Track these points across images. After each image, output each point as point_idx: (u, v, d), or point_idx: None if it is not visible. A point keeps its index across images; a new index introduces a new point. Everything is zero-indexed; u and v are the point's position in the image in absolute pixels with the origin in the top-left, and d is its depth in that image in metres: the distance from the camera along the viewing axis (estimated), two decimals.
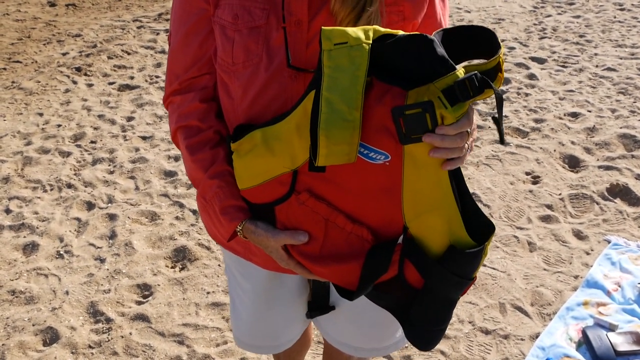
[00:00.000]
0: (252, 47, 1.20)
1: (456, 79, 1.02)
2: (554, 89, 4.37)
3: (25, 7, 6.37)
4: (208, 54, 1.29)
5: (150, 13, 6.13)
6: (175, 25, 1.31)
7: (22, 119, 4.14)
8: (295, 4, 1.18)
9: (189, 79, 1.33)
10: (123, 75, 4.76)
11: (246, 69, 1.22)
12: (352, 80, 1.05)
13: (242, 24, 1.20)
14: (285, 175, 1.21)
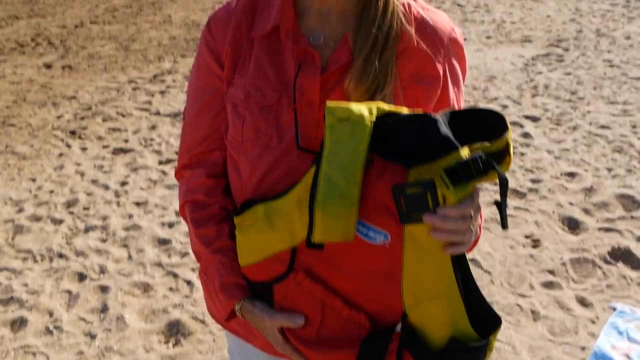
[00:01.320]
0: (262, 126, 1.20)
1: (459, 159, 0.99)
2: (549, 148, 4.34)
3: (22, 70, 6.36)
4: (219, 130, 1.29)
5: (146, 74, 6.12)
6: (190, 101, 1.34)
7: (14, 185, 4.06)
8: (308, 85, 1.18)
9: (199, 154, 1.33)
10: (117, 139, 4.71)
11: (255, 148, 1.21)
12: (352, 155, 1.02)
13: (253, 103, 1.21)
14: (284, 253, 1.17)
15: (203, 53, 1.30)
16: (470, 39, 6.95)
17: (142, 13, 8.56)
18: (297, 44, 1.19)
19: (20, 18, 8.41)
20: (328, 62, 1.19)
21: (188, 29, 7.72)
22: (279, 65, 1.21)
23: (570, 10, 8.10)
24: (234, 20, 1.25)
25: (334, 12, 1.21)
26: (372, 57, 1.15)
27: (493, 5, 8.51)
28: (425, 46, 1.20)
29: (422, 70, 1.21)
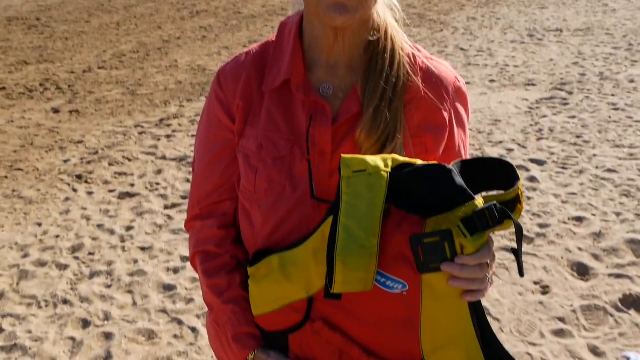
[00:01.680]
0: (275, 177, 1.22)
1: (475, 208, 1.01)
2: (556, 192, 4.32)
3: (30, 114, 6.42)
4: (230, 180, 1.31)
5: (152, 118, 6.17)
6: (199, 153, 1.35)
7: (20, 230, 4.06)
8: (319, 135, 1.20)
9: (210, 205, 1.34)
10: (123, 183, 4.72)
11: (268, 198, 1.22)
12: (370, 208, 1.04)
13: (266, 154, 1.22)
14: (300, 302, 1.18)
15: (213, 106, 1.31)
16: (474, 83, 7.00)
17: (149, 58, 8.68)
18: (308, 96, 1.22)
19: (30, 63, 8.54)
20: (338, 113, 1.21)
21: (194, 74, 7.80)
22: (291, 117, 1.23)
23: (573, 54, 8.18)
24: (244, 74, 1.28)
25: (342, 64, 1.24)
26: (382, 108, 1.18)
27: (496, 49, 8.60)
28: (432, 95, 1.23)
29: (429, 119, 1.24)
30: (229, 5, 12.99)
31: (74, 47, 9.46)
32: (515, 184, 1.05)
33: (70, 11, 12.62)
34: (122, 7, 13.03)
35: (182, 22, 11.25)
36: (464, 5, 12.46)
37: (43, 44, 9.74)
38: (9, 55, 9.04)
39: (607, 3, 12.14)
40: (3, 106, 6.72)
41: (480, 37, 9.40)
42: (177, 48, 9.26)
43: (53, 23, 11.42)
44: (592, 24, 10.16)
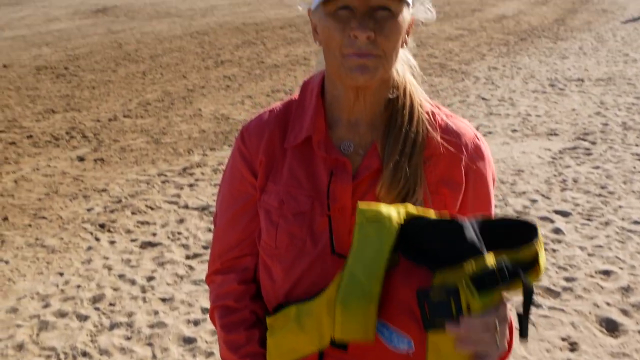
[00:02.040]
0: (296, 232, 1.24)
1: (484, 265, 0.99)
2: (582, 245, 4.24)
3: (55, 162, 6.51)
4: (252, 235, 1.33)
5: (175, 167, 6.22)
6: (221, 208, 1.38)
7: (42, 279, 4.06)
8: (340, 191, 1.22)
9: (231, 259, 1.36)
10: (146, 232, 4.72)
11: (289, 253, 1.24)
12: (376, 254, 1.05)
13: (287, 209, 1.25)
14: (312, 356, 1.19)
15: (236, 162, 1.35)
16: (496, 132, 6.99)
17: (173, 107, 8.81)
18: (329, 153, 1.25)
19: (57, 112, 8.71)
20: (359, 169, 1.24)
21: (218, 123, 7.89)
22: (312, 173, 1.26)
23: (595, 104, 8.15)
24: (267, 131, 1.31)
25: (363, 122, 1.27)
26: (401, 164, 1.21)
27: (517, 98, 8.60)
28: (451, 152, 1.26)
29: (448, 175, 1.26)
30: (253, 55, 13.21)
31: (100, 96, 9.65)
32: (532, 243, 1.03)
33: (98, 60, 12.92)
34: (149, 56, 13.32)
35: (207, 72, 11.45)
36: (485, 55, 12.55)
37: (70, 92, 9.95)
38: (37, 103, 9.24)
39: (627, 53, 12.17)
40: (29, 154, 6.83)
41: (502, 87, 9.42)
42: (201, 97, 9.40)
43: (81, 72, 11.68)
44: (614, 73, 10.15)
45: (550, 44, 13.87)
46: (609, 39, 14.35)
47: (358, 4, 1.13)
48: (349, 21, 1.14)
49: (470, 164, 1.27)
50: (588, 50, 12.79)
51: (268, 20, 20.21)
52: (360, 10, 1.14)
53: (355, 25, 1.13)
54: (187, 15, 23.36)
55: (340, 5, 1.15)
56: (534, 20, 18.87)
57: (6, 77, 11.42)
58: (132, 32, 17.95)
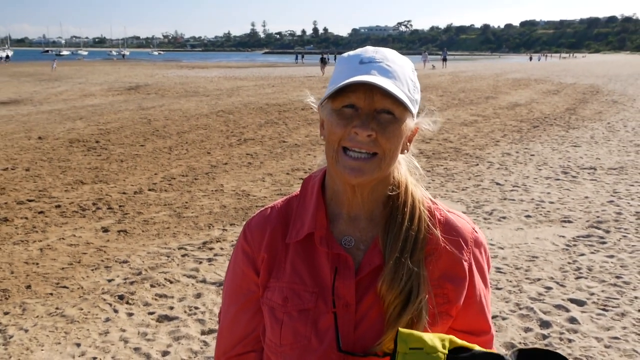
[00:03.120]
0: (300, 329, 1.21)
1: None
2: (598, 336, 4.11)
3: (80, 232, 6.54)
4: (255, 332, 1.31)
5: (195, 241, 6.21)
6: (225, 304, 1.36)
7: (59, 349, 3.99)
8: (344, 288, 1.21)
9: (235, 356, 1.34)
10: (163, 305, 4.67)
11: (294, 351, 1.21)
12: None
13: (291, 306, 1.23)
14: None
15: (239, 259, 1.34)
16: (510, 217, 6.93)
17: (196, 182, 8.90)
18: (331, 248, 1.24)
19: (86, 183, 8.83)
20: (360, 265, 1.23)
21: (238, 199, 7.93)
22: (314, 269, 1.25)
23: (607, 192, 8.10)
24: (269, 228, 1.31)
25: (362, 217, 1.28)
26: (403, 260, 1.20)
27: (531, 184, 8.58)
28: (451, 247, 1.25)
29: (450, 270, 1.25)
30: (275, 134, 13.42)
31: (127, 169, 9.79)
32: None
33: (128, 135, 13.19)
34: (176, 133, 13.58)
35: (230, 149, 11.62)
36: (499, 140, 12.64)
37: (99, 165, 10.11)
38: (67, 174, 9.38)
39: (638, 143, 12.18)
40: (56, 223, 6.87)
41: (515, 173, 9.43)
42: (223, 173, 9.49)
43: (110, 145, 11.91)
44: (626, 163, 10.14)
45: (562, 132, 13.96)
46: (620, 129, 14.42)
47: (363, 105, 1.16)
48: (352, 119, 1.17)
49: (471, 258, 1.28)
50: (599, 139, 12.84)
51: (290, 102, 20.64)
52: (364, 110, 1.16)
53: (357, 123, 1.15)
54: (214, 94, 23.97)
55: (346, 103, 1.17)
56: (546, 108, 19.07)
57: (40, 148, 11.67)
58: (161, 109, 18.40)
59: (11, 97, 23.71)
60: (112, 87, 29.13)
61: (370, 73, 1.16)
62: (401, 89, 1.17)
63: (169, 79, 35.18)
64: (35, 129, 14.29)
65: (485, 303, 1.31)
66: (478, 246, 1.30)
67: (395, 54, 1.24)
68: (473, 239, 1.29)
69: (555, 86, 29.48)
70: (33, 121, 15.73)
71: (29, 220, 7.01)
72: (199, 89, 26.93)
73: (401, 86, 1.17)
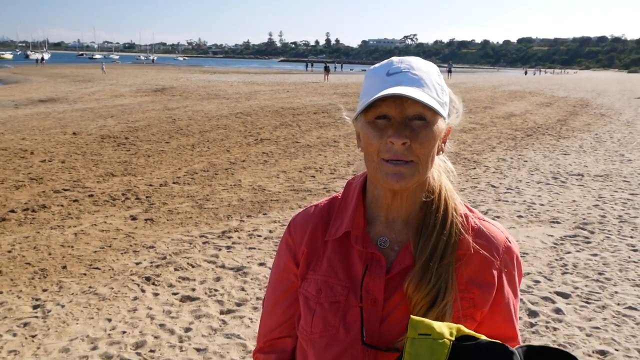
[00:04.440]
0: (330, 320, 1.22)
1: None
2: (581, 325, 4.15)
3: (111, 220, 6.63)
4: (292, 319, 1.33)
5: (215, 230, 6.29)
6: (268, 292, 1.39)
7: (92, 323, 4.08)
8: (373, 285, 1.20)
9: (272, 340, 1.36)
10: (186, 287, 4.75)
11: (322, 339, 1.22)
12: None
13: (324, 297, 1.24)
14: None
15: (282, 252, 1.35)
16: (503, 217, 6.97)
17: (217, 177, 8.97)
18: (366, 247, 1.23)
19: (116, 175, 8.92)
20: (392, 265, 1.21)
21: (254, 193, 8.00)
22: (349, 266, 1.25)
23: (593, 197, 8.12)
24: (311, 225, 1.31)
25: (399, 220, 1.25)
26: (431, 263, 1.18)
27: (523, 188, 8.61)
28: (482, 253, 1.21)
29: (479, 276, 1.21)
30: (289, 135, 13.48)
31: (154, 164, 9.88)
32: None
33: (154, 133, 13.29)
34: (198, 131, 13.67)
35: (248, 148, 11.70)
36: (495, 147, 12.65)
37: (128, 159, 10.21)
38: (99, 167, 9.49)
39: (623, 153, 12.17)
40: (89, 211, 6.97)
41: (509, 177, 9.45)
42: (241, 169, 9.57)
43: (139, 142, 12.01)
44: (611, 171, 10.14)
45: (553, 141, 13.95)
46: (606, 139, 14.40)
47: (395, 114, 1.14)
48: (386, 129, 1.14)
49: (502, 267, 1.23)
50: (588, 148, 12.83)
51: (303, 106, 20.70)
52: (397, 119, 1.14)
53: (391, 132, 1.13)
54: (233, 98, 24.05)
55: (378, 114, 1.15)
56: (539, 119, 19.04)
57: (75, 143, 11.79)
58: (185, 110, 18.49)
59: (48, 96, 23.91)
60: (140, 88, 29.28)
61: (399, 84, 1.14)
62: (429, 94, 1.15)
63: (192, 83, 35.32)
64: (70, 125, 14.42)
65: (513, 311, 1.27)
66: (510, 255, 1.25)
67: (420, 61, 1.21)
68: (505, 247, 1.24)
69: (548, 99, 29.38)
70: (68, 118, 15.87)
71: (64, 207, 7.11)
72: (220, 92, 27.03)
73: (429, 92, 1.15)
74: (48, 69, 54.98)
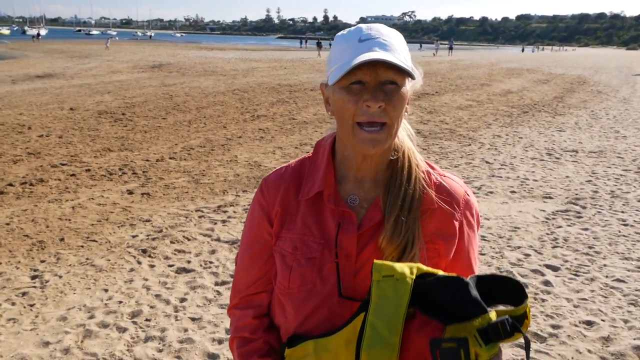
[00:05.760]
0: (307, 275, 1.27)
1: (490, 321, 1.03)
2: (568, 297, 4.22)
3: (108, 194, 6.67)
4: (267, 275, 1.38)
5: (211, 205, 6.33)
6: (242, 249, 1.43)
7: (89, 294, 4.14)
8: (346, 240, 1.26)
9: (248, 296, 1.40)
10: (181, 259, 4.80)
11: (300, 293, 1.28)
12: (395, 309, 1.08)
13: (300, 254, 1.29)
14: None
15: (255, 211, 1.39)
16: (496, 192, 7.02)
17: (213, 152, 8.99)
18: (337, 205, 1.29)
19: (113, 150, 8.94)
20: (363, 221, 1.28)
21: (250, 168, 8.03)
22: (322, 223, 1.30)
23: (587, 173, 8.16)
24: (283, 185, 1.35)
25: (368, 179, 1.32)
26: (402, 217, 1.24)
27: (517, 164, 8.65)
28: (444, 207, 1.29)
29: (442, 228, 1.29)
30: (285, 112, 13.47)
31: (150, 139, 9.89)
32: (524, 302, 1.08)
33: (151, 109, 13.26)
34: (195, 108, 13.64)
35: (244, 124, 11.69)
36: (490, 124, 12.65)
37: (125, 134, 10.21)
38: (96, 142, 9.49)
39: (618, 130, 12.19)
40: (87, 185, 7.00)
41: (504, 153, 9.49)
42: (237, 145, 9.58)
43: (135, 118, 12.00)
44: (605, 147, 10.17)
45: (549, 118, 13.95)
46: (602, 116, 14.40)
47: (369, 79, 1.18)
48: (361, 94, 1.18)
49: (462, 218, 1.31)
50: (583, 125, 12.85)
51: (300, 83, 20.62)
52: (371, 84, 1.18)
53: (368, 97, 1.17)
54: (230, 74, 23.93)
55: (353, 80, 1.18)
56: (535, 96, 19.01)
57: (72, 118, 11.77)
58: (182, 86, 18.42)
59: (45, 72, 23.76)
60: (137, 65, 29.09)
61: (372, 50, 1.17)
62: (398, 58, 1.18)
63: (189, 59, 35.09)
64: (67, 100, 14.37)
65: (472, 258, 1.36)
66: (469, 207, 1.33)
67: (386, 28, 1.25)
68: (465, 200, 1.32)
69: (546, 76, 29.29)
70: (65, 94, 15.81)
71: (62, 181, 7.14)
72: (217, 69, 26.88)
73: (398, 56, 1.18)
74: (45, 45, 54.51)
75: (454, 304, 1.06)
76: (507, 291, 1.11)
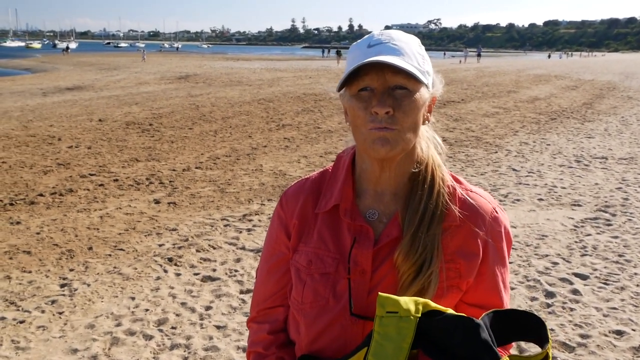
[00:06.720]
0: (320, 290, 1.25)
1: None
2: (598, 306, 4.15)
3: (135, 203, 6.77)
4: (284, 289, 1.37)
5: (236, 213, 6.38)
6: (261, 262, 1.43)
7: (116, 302, 4.20)
8: (361, 256, 1.23)
9: (265, 309, 1.40)
10: (207, 268, 4.85)
11: (313, 309, 1.26)
12: (396, 351, 1.02)
13: (314, 269, 1.27)
14: None
15: (274, 224, 1.38)
16: (523, 200, 6.94)
17: (238, 162, 9.07)
18: (354, 220, 1.26)
19: (140, 160, 9.07)
20: (380, 236, 1.24)
21: (275, 177, 8.08)
22: (338, 238, 1.27)
23: (617, 180, 8.02)
24: (302, 198, 1.34)
25: (388, 192, 1.28)
26: (419, 234, 1.20)
27: (545, 171, 8.54)
28: (468, 224, 1.23)
29: (464, 246, 1.23)
30: (310, 121, 13.52)
31: (177, 149, 10.02)
32: (545, 346, 1.02)
33: (178, 119, 13.44)
34: (220, 118, 13.78)
35: (269, 133, 11.77)
36: (517, 131, 12.52)
37: (152, 145, 10.36)
38: (124, 152, 9.65)
39: None
40: (114, 195, 7.12)
41: (531, 160, 9.38)
42: (263, 155, 9.65)
43: (162, 128, 12.17)
44: (636, 154, 9.98)
45: (578, 124, 13.76)
46: (633, 122, 14.14)
47: (377, 85, 1.15)
48: (370, 100, 1.16)
49: (488, 237, 1.24)
50: (613, 131, 12.63)
51: (325, 92, 20.65)
52: (379, 90, 1.15)
53: (375, 103, 1.14)
54: (256, 84, 24.12)
55: (361, 86, 1.17)
56: (564, 102, 18.76)
57: (101, 129, 11.99)
58: (208, 97, 18.63)
59: (75, 84, 24.27)
60: (164, 76, 29.53)
61: (379, 54, 1.15)
62: (410, 62, 1.15)
63: (215, 70, 35.48)
64: (96, 112, 14.65)
65: (499, 280, 1.27)
66: (497, 225, 1.25)
67: (400, 33, 1.22)
68: (492, 217, 1.25)
69: (574, 82, 28.88)
70: (94, 105, 16.12)
71: (90, 191, 7.27)
72: (243, 79, 27.13)
73: (409, 60, 1.15)
74: (75, 58, 55.73)
75: (463, 347, 1.00)
76: (528, 327, 1.06)
